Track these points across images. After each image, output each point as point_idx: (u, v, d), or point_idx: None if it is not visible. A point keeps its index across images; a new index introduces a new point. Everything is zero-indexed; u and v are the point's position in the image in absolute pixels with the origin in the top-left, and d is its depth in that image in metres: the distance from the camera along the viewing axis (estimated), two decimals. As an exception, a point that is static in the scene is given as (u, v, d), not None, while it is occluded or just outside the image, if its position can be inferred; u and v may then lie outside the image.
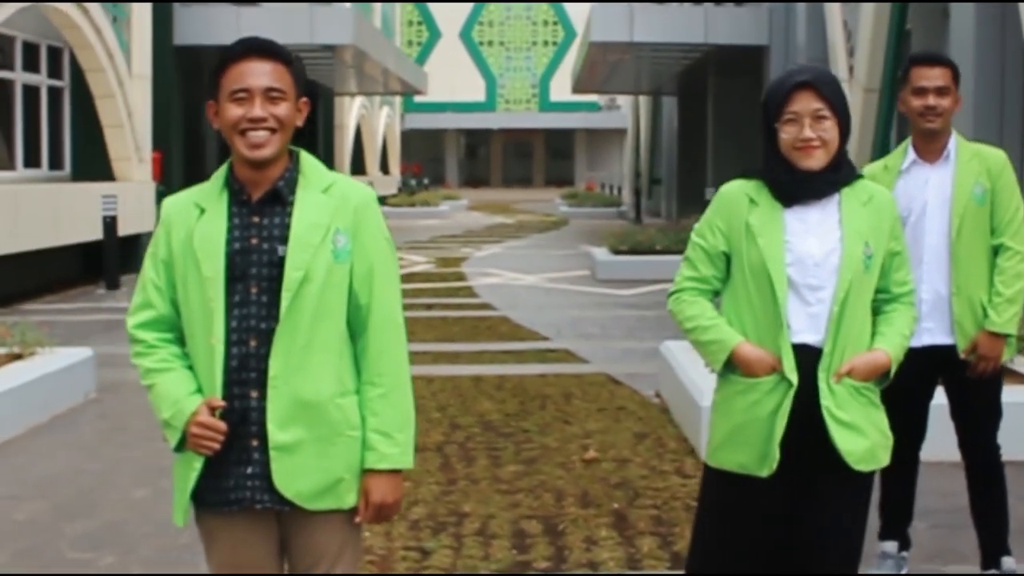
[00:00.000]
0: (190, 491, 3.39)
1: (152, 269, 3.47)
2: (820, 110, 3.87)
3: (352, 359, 3.44)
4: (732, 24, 26.90)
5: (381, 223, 3.47)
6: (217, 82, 3.39)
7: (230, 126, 3.34)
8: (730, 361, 3.96)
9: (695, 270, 4.09)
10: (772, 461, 3.86)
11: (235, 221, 3.39)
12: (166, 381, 3.42)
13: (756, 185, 4.01)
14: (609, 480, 7.33)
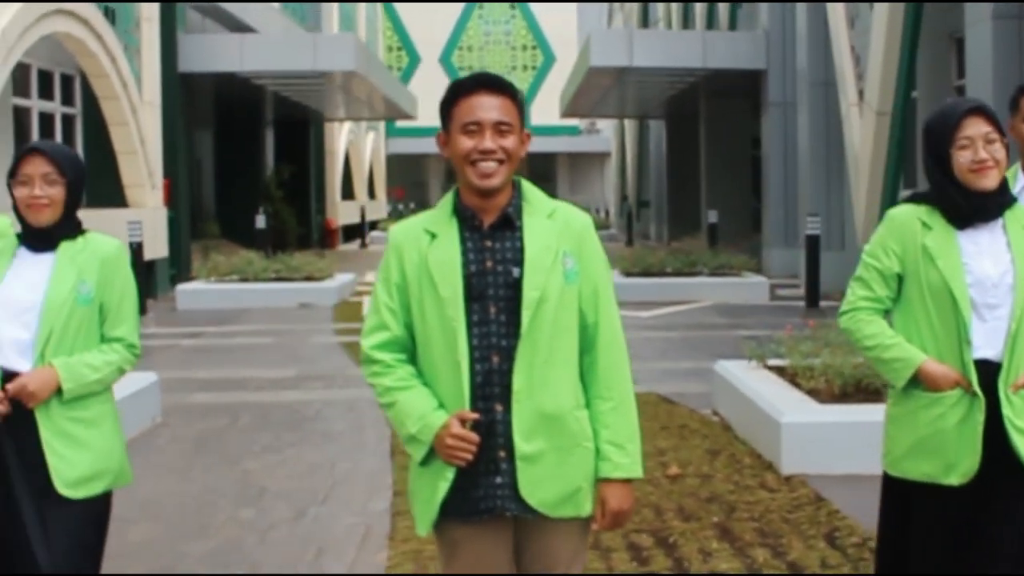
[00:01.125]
0: (440, 501, 3.55)
1: (385, 293, 3.65)
2: (990, 133, 4.12)
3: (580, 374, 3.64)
4: (730, 49, 27.19)
5: (600, 247, 3.69)
6: (448, 114, 3.59)
7: (462, 156, 3.55)
8: (914, 377, 4.17)
9: (870, 290, 4.31)
10: (966, 470, 4.08)
11: (468, 245, 3.58)
12: (409, 398, 3.59)
13: (927, 209, 4.24)
14: (699, 495, 7.47)
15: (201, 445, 9.26)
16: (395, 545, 6.58)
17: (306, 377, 12.59)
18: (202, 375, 12.88)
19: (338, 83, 29.05)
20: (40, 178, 4.15)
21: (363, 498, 7.65)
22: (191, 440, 9.43)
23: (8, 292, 4.17)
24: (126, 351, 4.30)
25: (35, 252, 4.24)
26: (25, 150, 4.22)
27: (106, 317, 4.28)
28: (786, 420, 8.06)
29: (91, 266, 4.23)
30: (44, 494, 4.09)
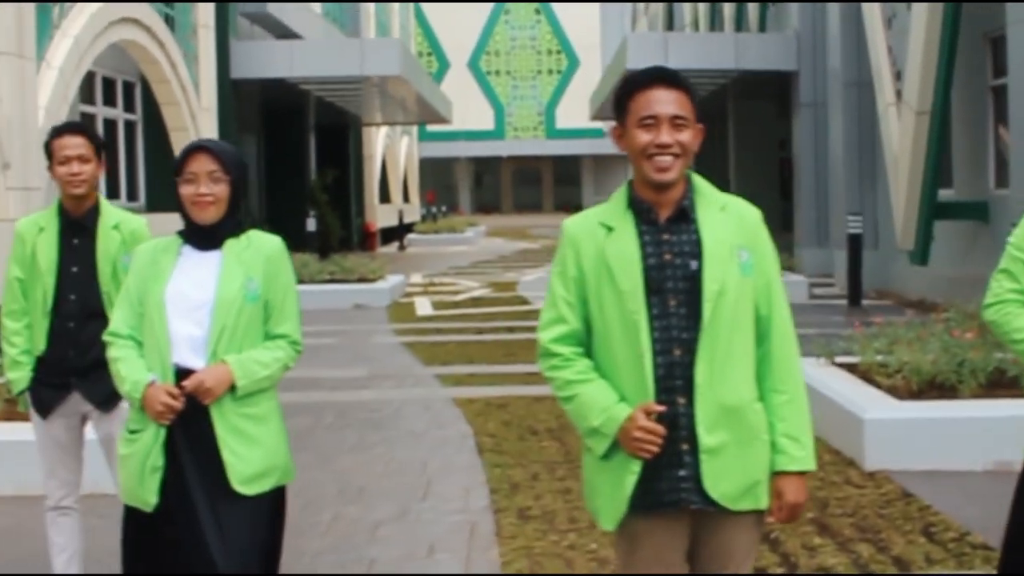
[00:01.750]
0: (629, 495, 3.57)
1: (562, 287, 3.68)
2: None
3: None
4: (761, 50, 27.35)
5: (770, 241, 3.73)
6: (624, 108, 3.64)
7: (638, 151, 3.59)
8: None
9: (1017, 282, 4.35)
10: None
11: (646, 239, 3.61)
12: (591, 391, 3.61)
13: None
14: (788, 491, 7.69)
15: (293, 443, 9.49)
16: (504, 542, 6.78)
17: (377, 376, 12.84)
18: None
19: (381, 87, 29.37)
20: (206, 176, 4.22)
21: (461, 495, 7.90)
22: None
23: (178, 289, 4.24)
24: (290, 348, 4.36)
25: (200, 250, 4.32)
26: (190, 148, 4.29)
27: (271, 314, 4.34)
28: (869, 417, 8.28)
29: (257, 263, 4.31)
30: (218, 491, 4.16)
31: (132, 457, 4.23)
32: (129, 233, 5.57)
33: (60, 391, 5.55)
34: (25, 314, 5.56)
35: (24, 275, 5.54)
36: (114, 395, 5.46)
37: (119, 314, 4.36)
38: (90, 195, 5.56)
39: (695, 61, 27.50)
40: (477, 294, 23.13)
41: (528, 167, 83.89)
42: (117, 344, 4.31)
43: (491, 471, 8.43)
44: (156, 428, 4.18)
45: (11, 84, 14.31)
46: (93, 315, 5.48)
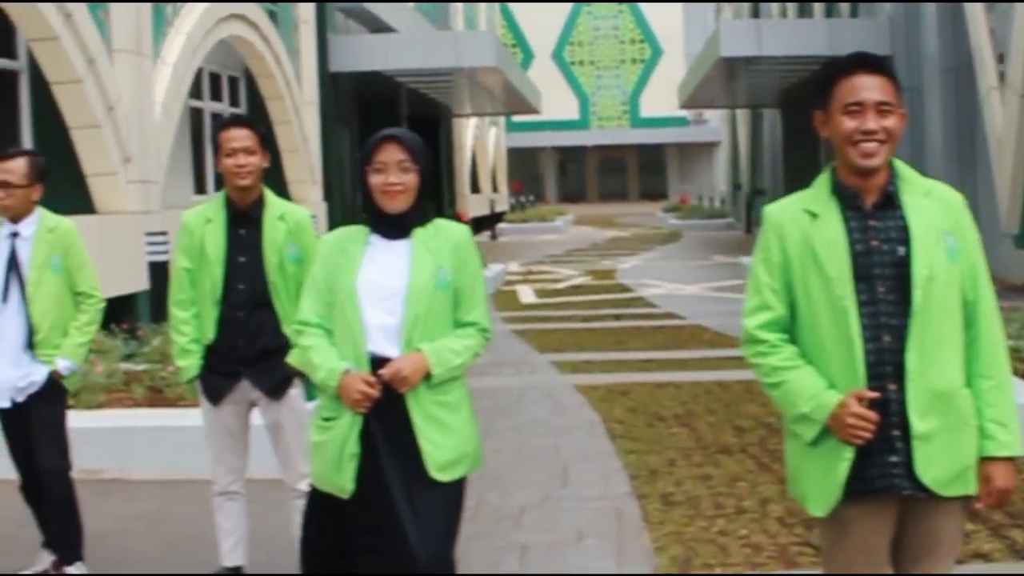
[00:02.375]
0: (842, 481, 3.58)
1: (766, 273, 3.71)
2: None
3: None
4: (855, 36, 27.02)
5: (974, 226, 3.73)
6: (828, 94, 3.69)
7: (843, 137, 3.63)
8: None
9: None
10: None
11: (852, 225, 3.63)
12: (799, 377, 3.64)
13: None
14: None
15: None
16: (652, 527, 6.84)
17: (495, 363, 12.96)
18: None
19: (473, 78, 29.53)
20: (395, 165, 4.26)
21: (600, 481, 7.98)
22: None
23: (369, 278, 4.27)
24: (480, 335, 4.38)
25: (388, 239, 4.34)
26: (380, 137, 4.31)
27: (460, 301, 4.36)
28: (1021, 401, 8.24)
29: (445, 252, 4.33)
30: (414, 478, 4.20)
31: (328, 444, 4.29)
32: (294, 223, 5.72)
33: (230, 379, 5.71)
34: (193, 303, 5.72)
35: (192, 265, 5.70)
36: (283, 383, 5.65)
37: (307, 303, 4.42)
38: (255, 186, 5.70)
39: (788, 48, 27.36)
40: (577, 282, 23.26)
41: (613, 156, 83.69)
42: (307, 332, 4.37)
43: (626, 457, 8.53)
44: (352, 416, 4.24)
45: (130, 81, 14.61)
46: (260, 304, 5.65)
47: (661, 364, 12.64)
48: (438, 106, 36.56)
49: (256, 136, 5.69)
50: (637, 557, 6.42)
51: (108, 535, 6.91)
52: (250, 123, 5.77)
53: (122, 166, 14.27)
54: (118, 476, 8.21)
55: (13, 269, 6.01)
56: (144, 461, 8.37)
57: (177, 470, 8.24)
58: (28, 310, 6.01)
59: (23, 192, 6.01)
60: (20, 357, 6.01)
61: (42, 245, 6.05)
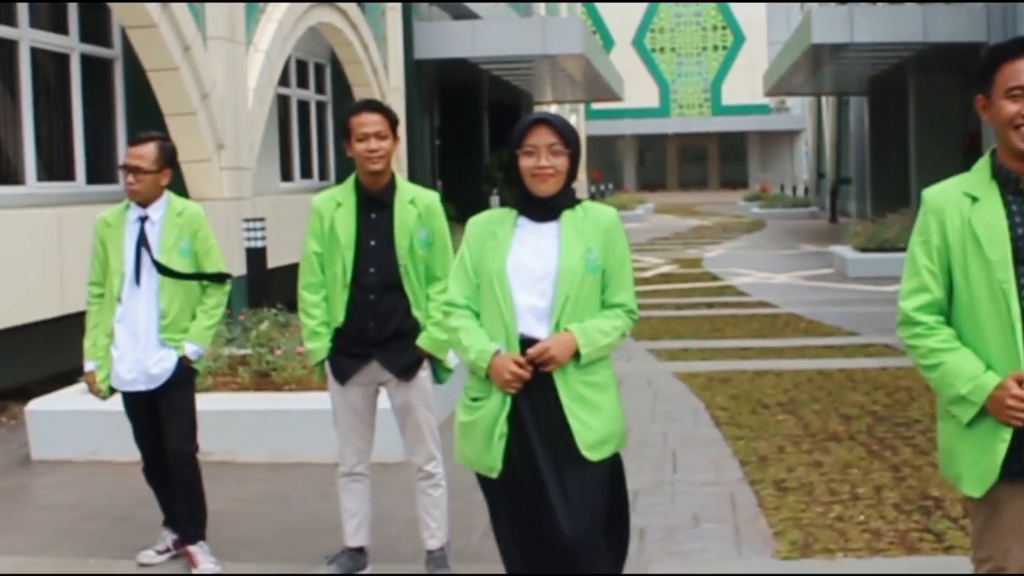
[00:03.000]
0: (1000, 462, 3.63)
1: (925, 256, 3.75)
2: None
3: None
4: (950, 22, 26.67)
5: None
6: (990, 78, 3.70)
7: (1005, 121, 3.65)
8: None
9: None
10: None
11: (1013, 208, 3.67)
12: (956, 359, 3.69)
13: None
14: None
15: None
16: (768, 513, 6.82)
17: (590, 350, 12.89)
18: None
19: (556, 65, 29.45)
20: (546, 148, 4.29)
21: (711, 467, 7.95)
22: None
23: (519, 260, 4.32)
24: (627, 316, 4.42)
25: (537, 222, 4.38)
26: (531, 120, 4.35)
27: (608, 283, 4.40)
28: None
29: (594, 235, 4.35)
30: (563, 457, 4.23)
31: (476, 424, 4.33)
32: (424, 208, 5.73)
33: (360, 361, 5.74)
34: (323, 287, 5.75)
35: (322, 249, 5.73)
36: (413, 364, 5.67)
37: (455, 285, 4.46)
38: (387, 171, 5.72)
39: (881, 34, 27.00)
40: (665, 270, 23.17)
41: (693, 144, 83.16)
42: (456, 314, 4.41)
43: (734, 444, 8.48)
44: (502, 396, 4.26)
45: (224, 68, 14.69)
46: (391, 288, 5.66)
47: (759, 352, 12.55)
48: (519, 93, 36.51)
49: (388, 121, 5.71)
50: (756, 541, 6.39)
51: (224, 516, 6.96)
52: (382, 108, 5.78)
53: (215, 153, 14.37)
54: (227, 459, 8.28)
55: (143, 253, 6.07)
56: (252, 444, 8.44)
57: (285, 454, 8.32)
58: (158, 295, 6.07)
59: (152, 177, 6.07)
60: (151, 342, 6.07)
61: (172, 229, 6.11)
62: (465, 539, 6.37)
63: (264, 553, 6.49)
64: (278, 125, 18.94)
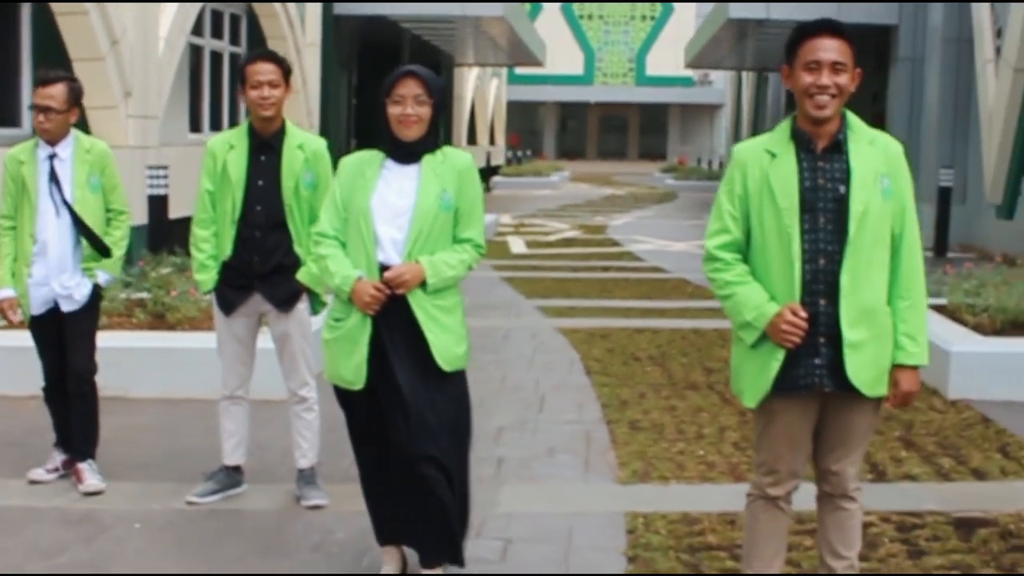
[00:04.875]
0: (772, 378, 4.27)
1: (728, 202, 4.36)
2: None
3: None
4: (864, 4, 27.37)
5: (908, 171, 4.38)
6: (794, 52, 4.31)
7: (801, 90, 4.26)
8: None
9: None
10: None
11: (804, 164, 4.27)
12: (746, 291, 4.31)
13: None
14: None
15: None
16: (619, 447, 7.46)
17: (483, 307, 13.46)
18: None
19: (479, 27, 29.77)
20: (412, 99, 4.83)
21: (575, 408, 8.56)
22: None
23: (382, 198, 4.87)
24: (474, 250, 5.02)
25: (401, 164, 4.94)
26: (400, 73, 4.88)
27: (459, 220, 4.98)
28: (955, 350, 8.86)
29: (450, 177, 4.93)
30: (422, 369, 4.84)
31: (339, 341, 4.94)
32: (312, 152, 6.24)
33: (243, 292, 6.28)
34: (213, 223, 6.27)
35: (214, 187, 6.24)
36: (292, 296, 6.21)
37: (326, 217, 5.03)
38: (277, 117, 6.22)
39: (796, 12, 27.50)
40: (568, 235, 23.73)
41: (615, 114, 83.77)
42: (325, 243, 4.99)
43: (600, 390, 9.08)
44: (361, 316, 4.87)
45: (136, 15, 14.89)
46: (276, 225, 6.18)
47: (642, 312, 13.15)
48: (440, 54, 36.79)
49: (281, 70, 6.20)
50: (602, 470, 7.03)
51: (113, 443, 7.40)
52: (276, 58, 6.27)
53: (123, 100, 14.63)
54: (119, 394, 8.67)
55: (55, 188, 6.53)
56: (144, 381, 8.85)
57: (176, 389, 8.75)
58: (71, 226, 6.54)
59: (63, 117, 6.52)
60: (67, 269, 6.58)
61: (82, 166, 6.59)
62: (335, 464, 6.86)
63: (148, 474, 6.96)
64: (189, 75, 19.11)
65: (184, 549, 5.74)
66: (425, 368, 4.87)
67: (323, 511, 6.25)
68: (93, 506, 6.40)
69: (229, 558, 5.61)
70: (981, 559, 5.50)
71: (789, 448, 4.42)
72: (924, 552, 5.58)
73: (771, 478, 4.49)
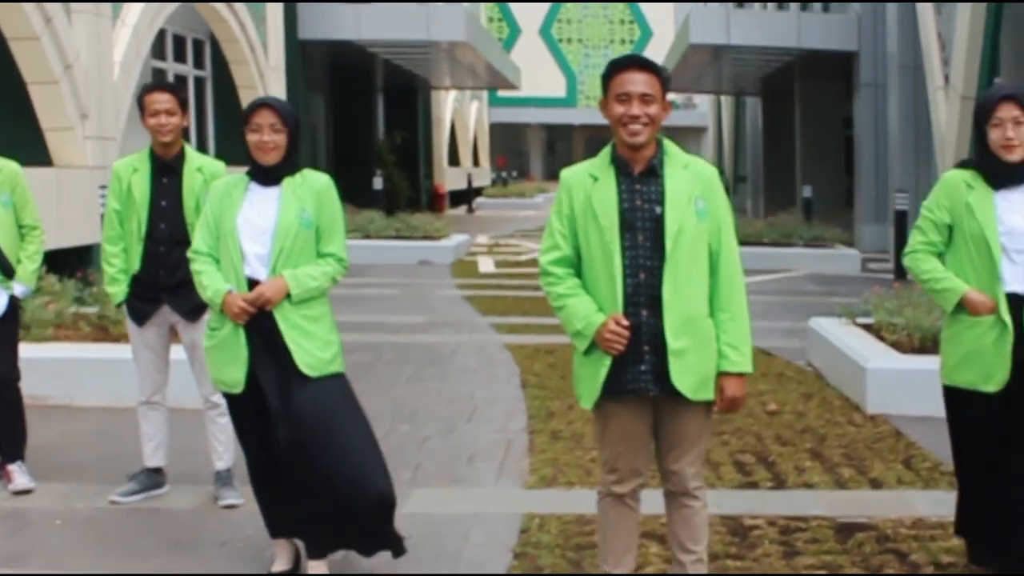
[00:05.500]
0: (602, 383, 4.61)
1: (558, 222, 4.71)
2: (1019, 117, 5.18)
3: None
4: (823, 30, 27.79)
5: (723, 193, 4.74)
6: (607, 86, 4.64)
7: (615, 119, 4.58)
8: (959, 303, 5.26)
9: (926, 236, 5.44)
10: (1000, 380, 5.18)
11: (622, 187, 4.61)
12: (576, 303, 4.63)
13: (971, 174, 5.35)
14: (794, 427, 8.59)
15: (353, 375, 10.35)
16: (535, 455, 7.77)
17: (437, 323, 13.79)
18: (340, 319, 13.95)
19: (449, 52, 30.12)
20: (268, 127, 5.28)
21: (503, 419, 8.86)
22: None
23: (247, 218, 5.33)
24: (337, 264, 5.44)
25: (264, 186, 5.38)
26: (255, 104, 5.37)
27: (321, 237, 5.41)
28: (871, 366, 9.17)
29: (309, 196, 5.37)
30: (287, 374, 5.24)
31: (216, 348, 5.40)
32: (210, 174, 6.64)
33: (152, 304, 6.66)
34: (121, 239, 6.67)
35: (121, 207, 6.65)
36: (198, 307, 6.53)
37: (199, 236, 5.48)
38: (176, 142, 6.66)
39: (757, 38, 28.02)
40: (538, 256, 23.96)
41: (600, 136, 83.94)
42: (199, 260, 5.44)
43: (531, 402, 9.39)
44: (234, 325, 5.31)
45: (88, 40, 15.27)
46: (179, 242, 6.53)
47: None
48: (416, 78, 37.15)
49: (176, 99, 6.66)
50: (514, 475, 7.38)
51: (50, 447, 7.76)
52: (172, 88, 6.77)
53: (80, 122, 14.98)
54: (63, 403, 9.00)
55: None
56: (88, 390, 9.18)
57: (118, 399, 9.00)
58: None
59: None
60: None
61: None
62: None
63: (79, 476, 7.28)
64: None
65: (100, 545, 6.06)
66: (295, 373, 5.26)
67: (237, 510, 6.56)
68: (20, 504, 6.73)
69: (141, 553, 5.92)
70: (852, 560, 5.77)
71: (627, 448, 4.74)
72: (799, 553, 5.86)
73: (614, 476, 4.80)
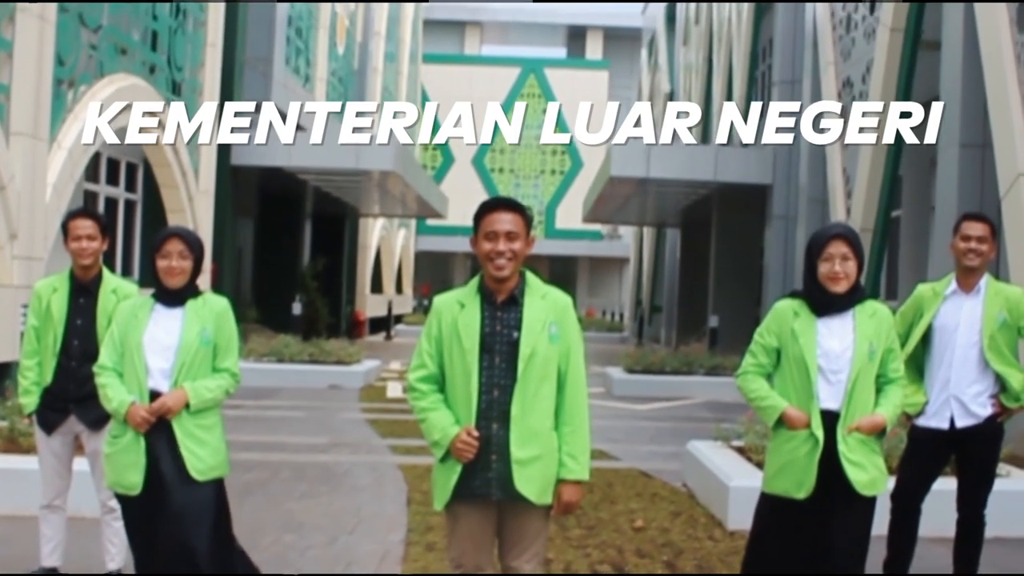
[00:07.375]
0: (452, 487, 5.16)
1: (427, 342, 5.28)
2: (846, 254, 5.92)
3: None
4: (740, 164, 28.73)
5: (576, 319, 5.34)
6: (477, 224, 5.23)
7: (483, 255, 5.18)
8: (780, 419, 5.96)
9: (756, 359, 6.16)
10: (808, 488, 5.86)
11: (486, 314, 5.19)
12: (436, 416, 5.19)
13: (799, 302, 6.08)
14: (656, 542, 9.20)
15: (248, 490, 11.01)
16: (407, 564, 8.32)
17: (336, 444, 14.31)
18: (245, 439, 14.59)
19: (379, 182, 30.90)
20: (177, 254, 5.98)
21: (383, 532, 9.39)
22: (239, 487, 11.13)
23: (152, 335, 5.98)
24: (231, 378, 6.12)
25: (168, 307, 6.05)
26: (167, 233, 6.06)
27: (218, 353, 6.09)
28: (734, 484, 9.82)
29: (210, 318, 6.05)
30: (181, 478, 5.83)
31: (117, 454, 5.96)
32: (124, 296, 7.21)
33: (61, 414, 7.21)
34: (37, 354, 7.24)
35: (39, 324, 7.22)
36: (102, 418, 7.09)
37: (105, 352, 6.10)
38: (95, 265, 7.25)
39: (676, 171, 28.91)
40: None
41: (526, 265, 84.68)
42: (104, 374, 6.06)
43: (413, 517, 9.93)
44: (135, 433, 5.90)
45: (24, 163, 15.80)
46: (90, 357, 7.02)
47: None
48: (344, 205, 37.91)
49: (98, 225, 7.26)
50: (385, 584, 7.89)
51: (-50, 550, 8.19)
52: (94, 215, 7.35)
53: (8, 241, 15.45)
54: (-30, 510, 9.45)
55: None
56: (-4, 498, 9.63)
57: (25, 507, 9.46)
58: None
59: None
60: None
61: None
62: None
63: (-25, 579, 7.74)
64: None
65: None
66: (188, 476, 5.86)
67: (122, 607, 7.06)
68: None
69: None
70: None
71: (473, 546, 5.29)
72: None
73: (460, 571, 5.35)
